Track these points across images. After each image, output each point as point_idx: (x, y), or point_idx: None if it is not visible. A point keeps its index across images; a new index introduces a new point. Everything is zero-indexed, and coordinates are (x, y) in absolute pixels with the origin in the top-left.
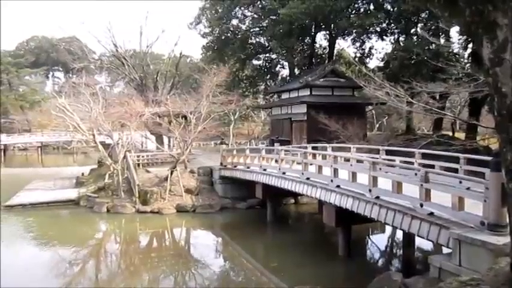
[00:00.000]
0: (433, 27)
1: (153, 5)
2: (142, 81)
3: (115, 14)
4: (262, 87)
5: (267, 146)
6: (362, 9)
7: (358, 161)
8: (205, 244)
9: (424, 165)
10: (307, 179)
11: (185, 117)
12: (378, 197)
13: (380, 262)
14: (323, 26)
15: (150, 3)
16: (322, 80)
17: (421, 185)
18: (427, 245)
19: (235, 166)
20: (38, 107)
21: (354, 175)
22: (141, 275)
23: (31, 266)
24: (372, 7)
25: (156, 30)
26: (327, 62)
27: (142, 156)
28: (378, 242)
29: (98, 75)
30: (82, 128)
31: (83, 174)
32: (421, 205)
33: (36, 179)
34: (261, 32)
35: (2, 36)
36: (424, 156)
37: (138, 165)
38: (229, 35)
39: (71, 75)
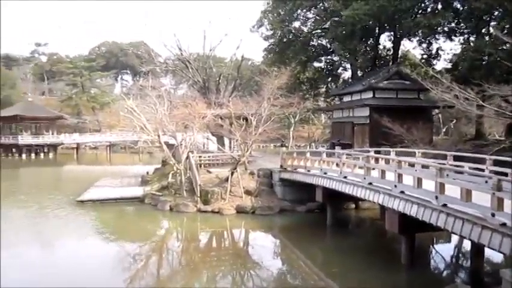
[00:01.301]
0: (507, 26)
1: (217, 8)
2: (205, 83)
3: (181, 18)
4: (323, 89)
5: (327, 149)
6: (429, 9)
7: (424, 166)
8: (263, 246)
9: (496, 173)
10: (370, 183)
11: (246, 119)
12: (445, 205)
13: (445, 273)
14: (387, 27)
15: (214, 7)
16: (386, 82)
17: (493, 193)
18: (497, 257)
19: (295, 169)
20: (108, 108)
21: (419, 181)
22: (200, 273)
23: (99, 259)
24: (439, 6)
25: (219, 34)
26: (391, 63)
27: (204, 157)
28: (443, 251)
29: (163, 78)
30: (148, 128)
31: (147, 173)
32: (493, 215)
33: (104, 176)
34: (323, 33)
35: (80, 42)
36: (496, 163)
37: (200, 165)
38: (290, 37)
39: (138, 78)
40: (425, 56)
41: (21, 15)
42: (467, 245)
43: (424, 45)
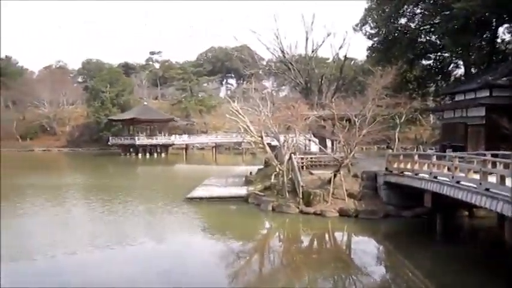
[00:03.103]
0: None
1: (319, 8)
2: (307, 85)
3: (283, 20)
4: (432, 88)
5: (437, 151)
6: None
7: None
8: (366, 251)
9: None
10: (486, 189)
11: (349, 120)
12: None
13: None
14: (507, 18)
15: (315, 8)
16: (505, 79)
17: None
18: None
19: (401, 172)
20: (214, 111)
21: None
22: (301, 274)
23: (205, 254)
24: None
25: (321, 35)
26: (511, 58)
27: (306, 158)
28: None
29: (265, 80)
30: (251, 130)
31: (250, 173)
32: None
33: (211, 175)
34: (432, 29)
35: (188, 48)
36: None
37: (302, 167)
38: (396, 34)
39: (242, 81)
40: None
41: (139, 26)
42: None
43: None
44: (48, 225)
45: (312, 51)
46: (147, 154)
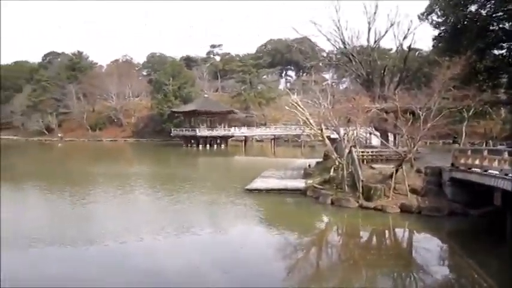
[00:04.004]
0: None
1: None
2: (369, 76)
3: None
4: (505, 80)
5: (509, 147)
6: None
7: None
8: (428, 249)
9: None
10: None
11: (413, 113)
12: None
13: None
14: None
15: None
16: None
17: None
18: None
19: (469, 168)
20: (273, 103)
21: None
22: (359, 270)
23: (262, 245)
24: None
25: (384, 24)
26: None
27: (367, 152)
28: None
29: (325, 72)
30: (311, 122)
31: (309, 166)
32: None
33: (269, 167)
34: (506, 16)
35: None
36: None
37: (363, 160)
38: (466, 22)
39: (301, 73)
40: None
41: (200, 20)
42: None
43: None
44: (119, 213)
45: (375, 42)
46: (208, 145)
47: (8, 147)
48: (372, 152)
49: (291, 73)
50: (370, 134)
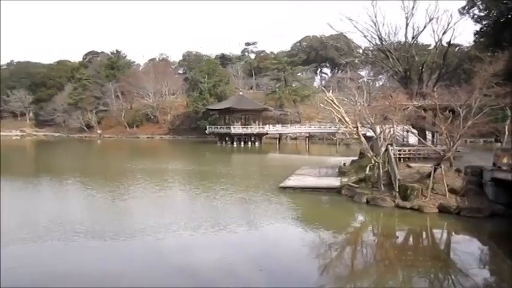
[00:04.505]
0: None
1: None
2: (406, 73)
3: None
4: None
5: None
6: None
7: None
8: (467, 251)
9: None
10: None
11: (453, 110)
12: None
13: None
14: None
15: None
16: None
17: None
18: None
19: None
20: (308, 101)
21: None
22: (395, 271)
23: (295, 242)
24: None
25: (422, 20)
26: None
27: (404, 151)
28: None
29: (361, 69)
30: (346, 120)
31: (344, 164)
32: None
33: (303, 165)
34: None
35: (283, 38)
36: None
37: (399, 159)
38: (509, 16)
39: (337, 70)
40: None
41: (236, 17)
42: None
43: None
44: (158, 208)
45: (413, 38)
46: (242, 143)
47: (51, 144)
48: (409, 150)
49: (326, 70)
50: (407, 132)
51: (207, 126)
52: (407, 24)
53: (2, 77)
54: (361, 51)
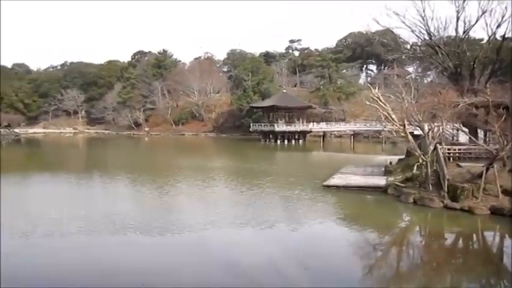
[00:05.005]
0: None
1: None
2: (457, 69)
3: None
4: None
5: None
6: None
7: None
8: None
9: None
10: None
11: (507, 108)
12: None
13: None
14: None
15: None
16: None
17: None
18: None
19: None
20: (353, 98)
21: None
22: (443, 273)
23: (339, 242)
24: None
25: (474, 13)
26: None
27: (454, 150)
28: None
29: (409, 65)
30: (393, 118)
31: (390, 163)
32: None
33: (348, 164)
34: None
35: (328, 34)
36: None
37: (449, 158)
38: None
39: (383, 67)
40: None
41: (280, 15)
42: None
43: None
44: (204, 205)
45: (464, 32)
46: (286, 141)
47: (101, 141)
48: (459, 149)
49: (372, 67)
50: (458, 130)
51: (251, 124)
52: (458, 18)
53: (57, 77)
54: (408, 46)
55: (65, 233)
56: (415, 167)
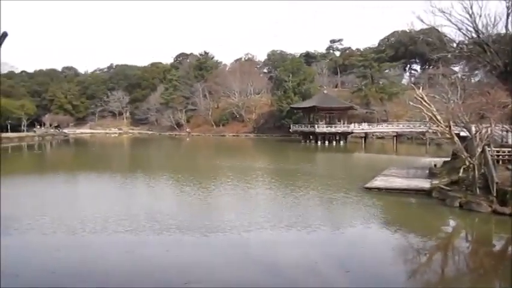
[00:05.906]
0: None
1: None
2: (506, 68)
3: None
4: None
5: None
6: None
7: None
8: None
9: None
10: None
11: None
12: None
13: None
14: None
15: None
16: None
17: None
18: None
19: None
20: (396, 99)
21: None
22: (490, 281)
23: (381, 245)
24: None
25: None
26: None
27: (503, 152)
28: None
29: (455, 64)
30: (438, 119)
31: (435, 165)
32: None
33: (390, 165)
34: None
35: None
36: None
37: (498, 161)
38: None
39: (427, 66)
40: None
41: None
42: None
43: None
44: (247, 206)
45: None
46: (326, 142)
47: (145, 141)
48: (508, 151)
49: (416, 66)
50: (507, 131)
51: (291, 125)
52: (508, 15)
53: (103, 79)
54: (454, 45)
55: (111, 231)
56: (461, 170)
